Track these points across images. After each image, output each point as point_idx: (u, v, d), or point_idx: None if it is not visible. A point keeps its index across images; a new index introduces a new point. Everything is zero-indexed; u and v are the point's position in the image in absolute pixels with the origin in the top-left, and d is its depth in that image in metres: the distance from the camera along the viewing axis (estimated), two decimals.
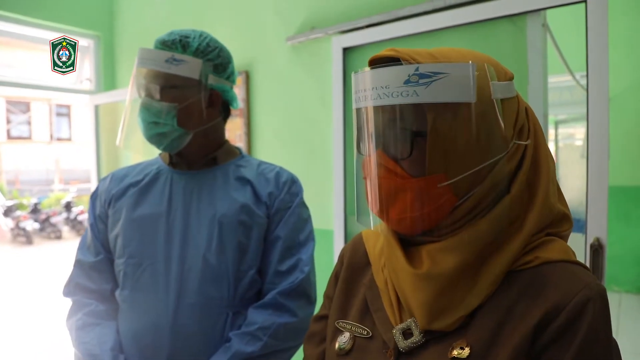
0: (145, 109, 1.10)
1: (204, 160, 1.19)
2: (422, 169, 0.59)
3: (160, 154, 1.25)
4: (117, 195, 1.17)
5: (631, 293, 4.46)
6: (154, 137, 1.13)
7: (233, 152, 1.24)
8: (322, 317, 0.82)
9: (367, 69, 0.61)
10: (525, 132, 0.63)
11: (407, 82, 0.56)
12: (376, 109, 0.60)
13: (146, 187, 1.17)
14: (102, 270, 1.16)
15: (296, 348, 1.14)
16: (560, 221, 0.64)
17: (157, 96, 1.09)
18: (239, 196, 1.14)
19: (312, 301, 1.17)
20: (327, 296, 0.83)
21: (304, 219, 1.21)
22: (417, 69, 0.56)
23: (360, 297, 0.74)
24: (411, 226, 0.62)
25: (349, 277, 0.78)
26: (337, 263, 0.84)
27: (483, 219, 0.60)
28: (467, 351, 0.58)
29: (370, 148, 0.63)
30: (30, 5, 2.92)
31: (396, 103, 0.57)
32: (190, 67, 1.11)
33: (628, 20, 4.18)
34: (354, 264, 0.79)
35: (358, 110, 0.63)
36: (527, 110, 0.65)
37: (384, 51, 0.63)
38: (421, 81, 0.55)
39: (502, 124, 0.59)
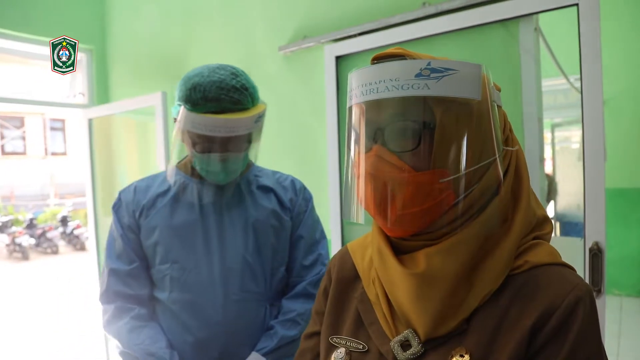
0: (229, 162, 1.16)
1: None
2: (427, 162, 0.59)
3: (177, 164, 1.29)
4: (147, 206, 1.24)
5: (632, 296, 4.44)
6: (227, 178, 1.20)
7: (248, 163, 1.33)
8: (313, 334, 0.81)
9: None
10: (510, 140, 0.66)
11: (418, 75, 0.56)
12: (382, 101, 0.59)
13: (176, 198, 1.25)
14: (138, 276, 1.23)
15: None
16: (542, 223, 0.67)
17: (241, 148, 1.17)
18: (267, 203, 1.29)
19: None
20: (317, 312, 0.81)
21: (317, 220, 1.39)
22: (429, 64, 0.56)
23: (352, 311, 0.73)
24: (409, 223, 0.61)
25: (339, 292, 0.77)
26: (324, 277, 0.83)
27: (477, 219, 0.61)
28: (467, 358, 0.58)
29: (371, 143, 0.62)
30: (22, 21, 2.91)
31: (408, 95, 0.57)
32: (263, 120, 1.22)
33: (620, 22, 4.21)
34: (343, 278, 0.78)
35: (358, 105, 0.62)
36: (507, 122, 0.68)
37: (390, 49, 0.64)
38: (432, 75, 0.56)
39: (498, 127, 0.62)
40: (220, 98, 1.10)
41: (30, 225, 11.35)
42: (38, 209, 14.50)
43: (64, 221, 11.77)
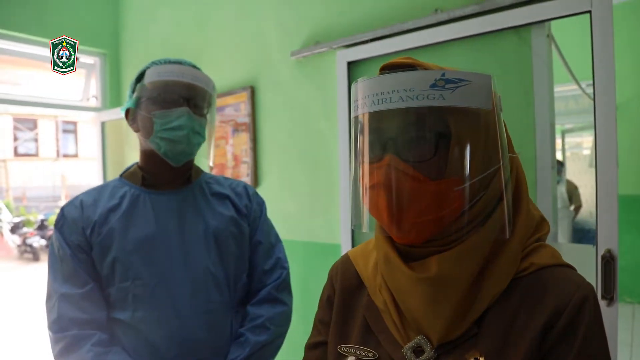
0: (192, 119, 1.18)
1: (180, 180, 1.26)
2: (441, 171, 0.60)
3: (122, 175, 1.26)
4: (99, 222, 1.16)
5: None
6: (190, 147, 1.19)
7: (198, 170, 1.33)
8: (317, 344, 0.80)
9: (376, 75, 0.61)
10: (511, 147, 0.68)
11: (433, 85, 0.57)
12: (396, 111, 0.59)
13: (129, 211, 1.18)
14: (93, 299, 1.13)
15: (287, 331, 1.34)
16: (541, 223, 0.69)
17: (201, 112, 1.22)
18: (224, 210, 1.27)
19: (291, 290, 1.37)
20: (321, 321, 0.81)
21: (271, 224, 1.40)
22: (443, 74, 0.57)
23: (359, 319, 0.73)
24: (423, 231, 0.62)
25: (343, 301, 0.77)
26: (326, 286, 0.83)
27: (486, 224, 0.62)
28: None
29: (382, 153, 0.62)
30: (37, 25, 2.96)
31: (424, 105, 0.57)
32: (215, 98, 1.28)
33: (631, 27, 4.18)
34: (347, 286, 0.78)
35: (369, 114, 0.62)
36: (507, 130, 0.70)
37: (399, 58, 0.65)
38: (447, 86, 0.57)
39: (504, 135, 0.64)
40: (181, 61, 1.22)
41: (41, 226, 11.44)
42: (49, 211, 14.63)
43: None
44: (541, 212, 0.71)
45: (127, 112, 1.23)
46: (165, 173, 1.23)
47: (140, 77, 1.21)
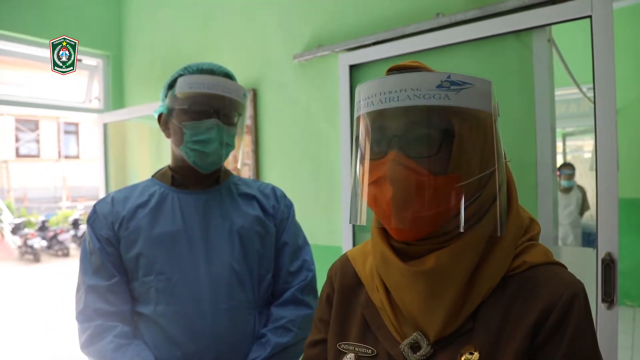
0: (222, 130, 1.19)
1: (209, 181, 1.29)
2: (444, 168, 0.62)
3: (154, 175, 1.30)
4: (128, 217, 1.20)
5: None
6: (219, 158, 1.22)
7: (227, 172, 1.36)
8: (318, 342, 0.82)
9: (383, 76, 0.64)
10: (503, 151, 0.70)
11: (439, 86, 0.60)
12: (404, 109, 0.62)
13: (157, 208, 1.22)
14: (119, 292, 1.17)
15: None
16: (531, 224, 0.72)
17: (231, 121, 1.23)
18: (250, 210, 1.28)
19: (317, 294, 1.32)
20: (321, 319, 0.83)
21: (299, 227, 1.39)
22: (449, 77, 0.60)
23: (358, 317, 0.75)
24: (423, 226, 0.64)
25: (342, 299, 0.79)
26: (325, 285, 0.85)
27: (481, 223, 0.65)
28: (476, 355, 0.62)
29: (386, 149, 0.64)
30: (39, 26, 2.97)
31: (431, 104, 0.60)
32: (247, 103, 1.29)
33: (634, 32, 4.19)
34: (345, 285, 0.80)
35: (375, 112, 0.64)
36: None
37: (406, 62, 0.68)
38: (452, 87, 0.60)
39: (500, 139, 0.66)
40: (214, 69, 1.22)
41: (42, 227, 11.45)
42: (50, 212, 14.64)
43: (76, 224, 11.87)
44: (529, 214, 0.74)
45: (160, 116, 1.26)
46: (195, 175, 1.26)
47: (172, 84, 1.22)
